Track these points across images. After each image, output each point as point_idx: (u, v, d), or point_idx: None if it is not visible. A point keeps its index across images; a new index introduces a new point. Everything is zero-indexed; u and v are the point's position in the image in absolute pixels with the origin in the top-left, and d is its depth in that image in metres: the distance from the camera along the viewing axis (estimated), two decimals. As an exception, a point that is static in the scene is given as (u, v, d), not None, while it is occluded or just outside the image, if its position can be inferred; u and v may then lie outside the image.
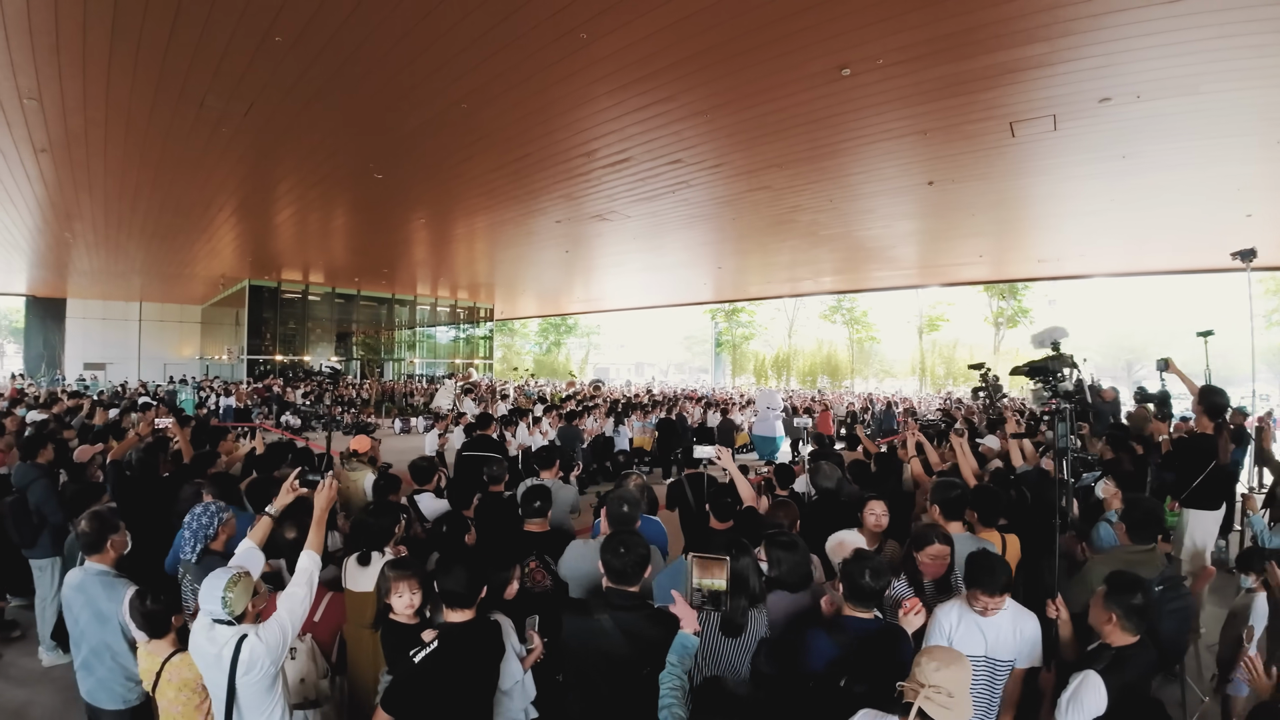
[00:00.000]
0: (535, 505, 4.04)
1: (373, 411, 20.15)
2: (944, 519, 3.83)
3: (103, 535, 3.04)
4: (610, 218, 13.37)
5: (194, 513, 3.23)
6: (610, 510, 3.62)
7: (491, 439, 7.20)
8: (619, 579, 2.57)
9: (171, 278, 21.69)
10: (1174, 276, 19.94)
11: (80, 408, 9.68)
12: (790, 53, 6.84)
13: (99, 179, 11.24)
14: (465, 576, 2.37)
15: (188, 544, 3.16)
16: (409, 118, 8.73)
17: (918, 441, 6.19)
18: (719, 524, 4.04)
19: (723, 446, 5.23)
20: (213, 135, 9.32)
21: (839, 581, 2.63)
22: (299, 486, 2.87)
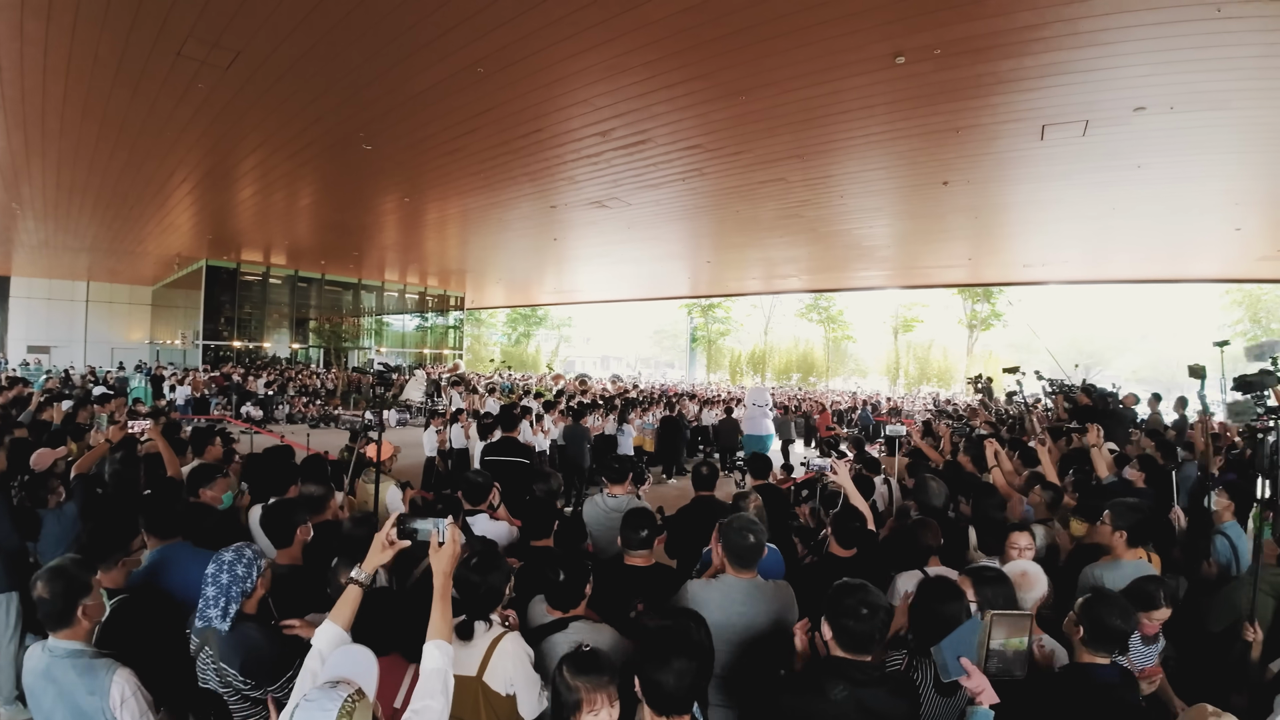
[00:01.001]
0: (642, 535, 3.16)
1: (339, 403, 18.73)
2: (1128, 546, 3.38)
3: (71, 600, 2.08)
4: (610, 205, 12.48)
5: (221, 560, 2.28)
6: (732, 543, 2.81)
7: (517, 441, 6.28)
8: (857, 645, 2.00)
9: (123, 254, 19.70)
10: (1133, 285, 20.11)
11: (26, 398, 8.30)
12: (846, 34, 6.27)
13: (54, 139, 9.82)
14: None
15: (213, 605, 2.21)
16: (414, 80, 7.67)
17: (994, 450, 5.63)
18: (842, 551, 3.40)
19: (837, 459, 4.51)
20: (186, 92, 8.07)
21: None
22: (397, 539, 1.98)
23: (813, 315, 32.84)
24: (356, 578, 1.97)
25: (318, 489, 3.67)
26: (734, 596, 2.75)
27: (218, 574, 2.24)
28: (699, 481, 4.68)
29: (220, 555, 2.30)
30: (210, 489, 3.79)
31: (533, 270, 22.99)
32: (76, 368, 19.49)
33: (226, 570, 2.25)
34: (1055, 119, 8.12)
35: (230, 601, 2.23)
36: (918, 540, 3.41)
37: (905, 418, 17.95)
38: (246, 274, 22.25)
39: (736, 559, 2.79)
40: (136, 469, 3.70)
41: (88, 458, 4.01)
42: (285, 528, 3.02)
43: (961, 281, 21.85)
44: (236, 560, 2.29)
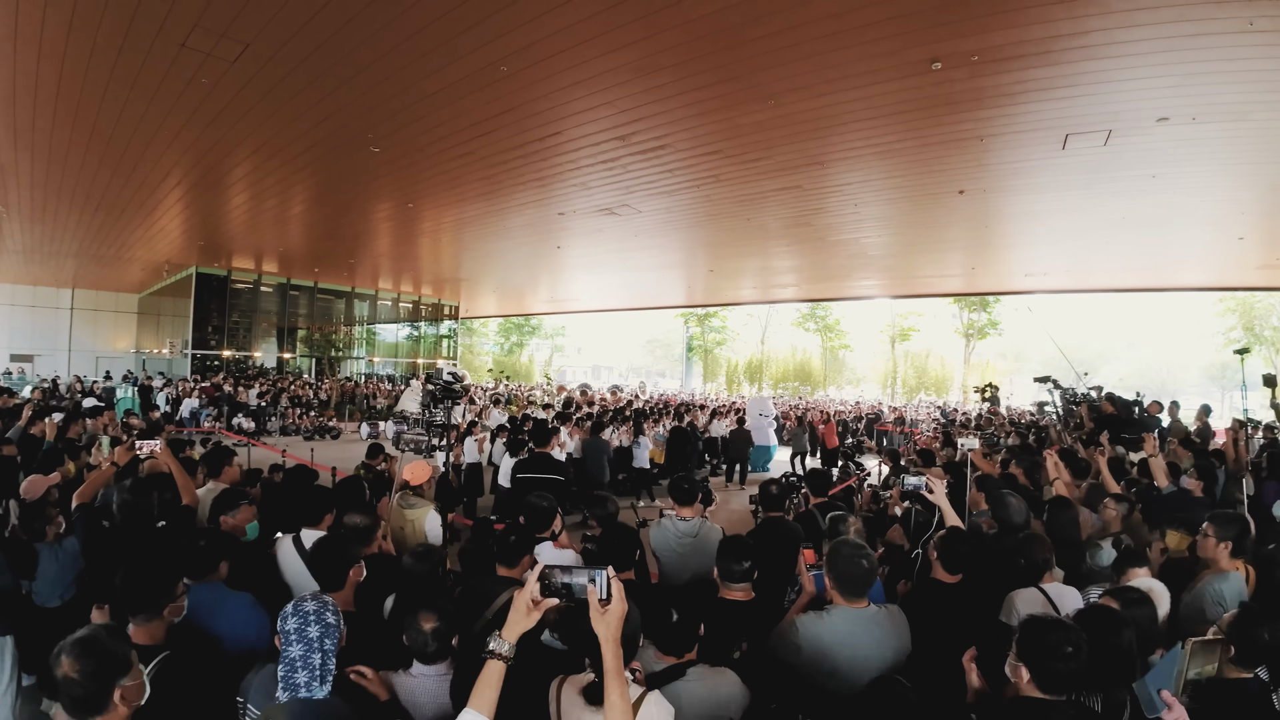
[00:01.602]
0: (744, 567, 2.81)
1: (333, 414, 18.07)
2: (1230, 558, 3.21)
3: (105, 682, 1.61)
4: (620, 212, 12.09)
5: (304, 610, 1.85)
6: (844, 570, 2.52)
7: (552, 457, 5.82)
8: (1060, 686, 1.82)
9: (111, 261, 18.88)
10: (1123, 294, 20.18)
11: (13, 409, 7.69)
12: (887, 38, 6.04)
13: (44, 137, 9.23)
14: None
15: (301, 668, 1.76)
16: (432, 78, 7.23)
17: (1055, 462, 5.35)
18: (948, 576, 3.06)
19: (933, 475, 4.14)
20: (187, 88, 7.55)
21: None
22: (542, 596, 1.55)
23: (809, 324, 32.67)
24: (499, 651, 1.53)
25: (363, 519, 3.22)
26: (856, 630, 2.47)
27: (303, 627, 1.82)
28: (769, 501, 4.31)
29: (300, 604, 1.89)
30: (233, 516, 3.34)
31: (529, 279, 22.49)
32: (62, 377, 18.59)
33: (315, 620, 1.83)
34: (1079, 128, 7.97)
35: (327, 658, 1.80)
36: (1031, 556, 3.17)
37: (909, 426, 17.75)
38: (238, 281, 21.43)
39: (849, 587, 2.52)
40: (150, 498, 3.21)
41: (91, 484, 3.49)
42: (338, 567, 2.57)
43: (958, 291, 21.79)
44: (323, 608, 1.88)
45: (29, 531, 3.36)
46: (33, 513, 3.43)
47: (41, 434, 6.25)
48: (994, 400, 14.37)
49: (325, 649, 1.81)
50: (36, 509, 3.44)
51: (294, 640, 1.79)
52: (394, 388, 21.50)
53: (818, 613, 2.54)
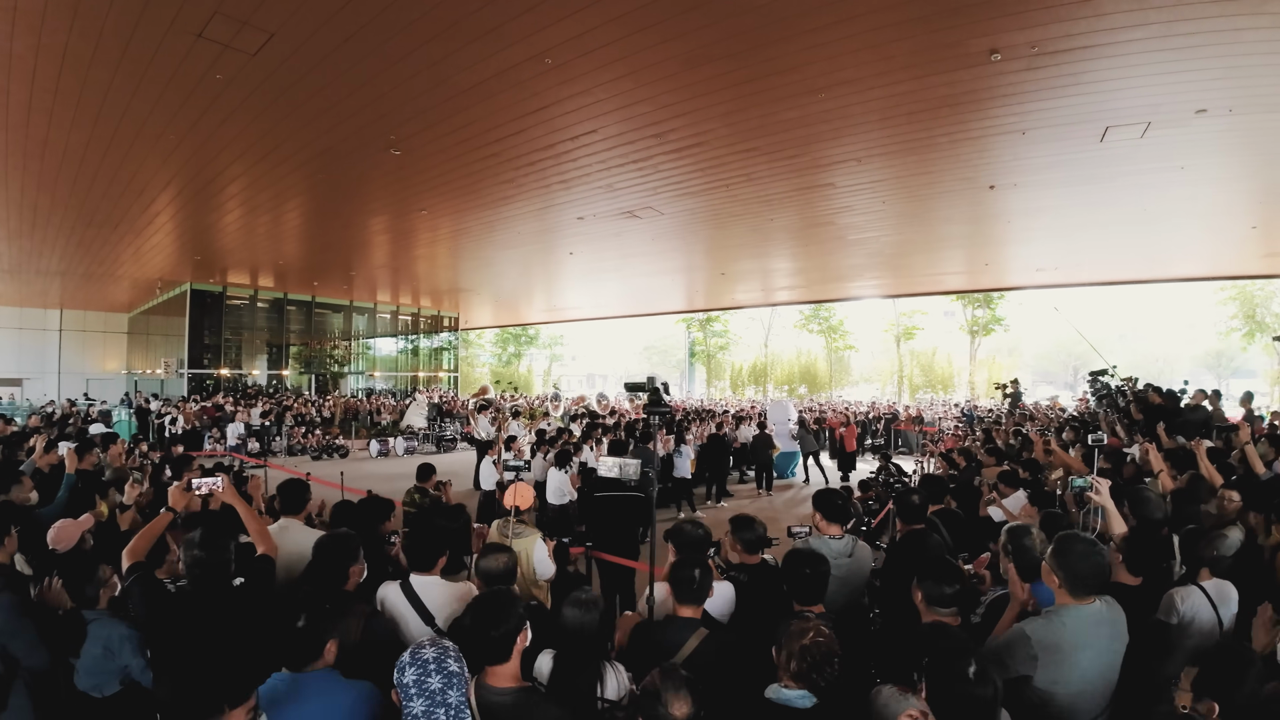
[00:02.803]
0: (955, 589, 2.44)
1: (338, 432, 17.25)
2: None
3: None
4: (642, 215, 11.57)
5: (422, 658, 1.66)
6: (1077, 564, 2.30)
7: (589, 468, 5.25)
8: None
9: (101, 279, 17.91)
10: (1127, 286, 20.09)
11: (13, 438, 6.92)
12: (949, 29, 5.79)
13: (37, 143, 8.51)
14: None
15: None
16: (469, 72, 6.67)
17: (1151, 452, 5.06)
18: (1130, 579, 2.83)
19: (1099, 476, 3.72)
20: (199, 85, 6.91)
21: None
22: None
23: (812, 326, 32.27)
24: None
25: (499, 562, 2.66)
26: (1092, 629, 2.27)
27: (423, 679, 1.61)
28: (909, 513, 3.81)
29: (418, 652, 1.70)
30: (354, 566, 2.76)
31: (530, 288, 21.87)
32: (55, 401, 17.51)
33: (435, 670, 1.64)
34: (1120, 120, 7.78)
35: (455, 713, 1.57)
36: (1195, 552, 3.04)
37: (928, 425, 17.40)
38: (233, 297, 20.47)
39: (1082, 585, 2.30)
40: (228, 551, 2.59)
41: (145, 538, 2.78)
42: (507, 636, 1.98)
43: (962, 288, 21.55)
44: (444, 655, 1.68)
45: (77, 596, 2.72)
46: (79, 572, 2.75)
47: (49, 467, 5.55)
48: (1015, 396, 14.07)
49: (450, 702, 1.60)
50: (85, 567, 2.76)
51: (414, 695, 1.60)
52: (398, 403, 20.67)
53: (1044, 618, 2.31)
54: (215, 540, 2.57)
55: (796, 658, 1.95)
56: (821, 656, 1.94)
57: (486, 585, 2.68)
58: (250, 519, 2.94)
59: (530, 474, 8.36)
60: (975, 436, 12.62)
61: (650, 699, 1.72)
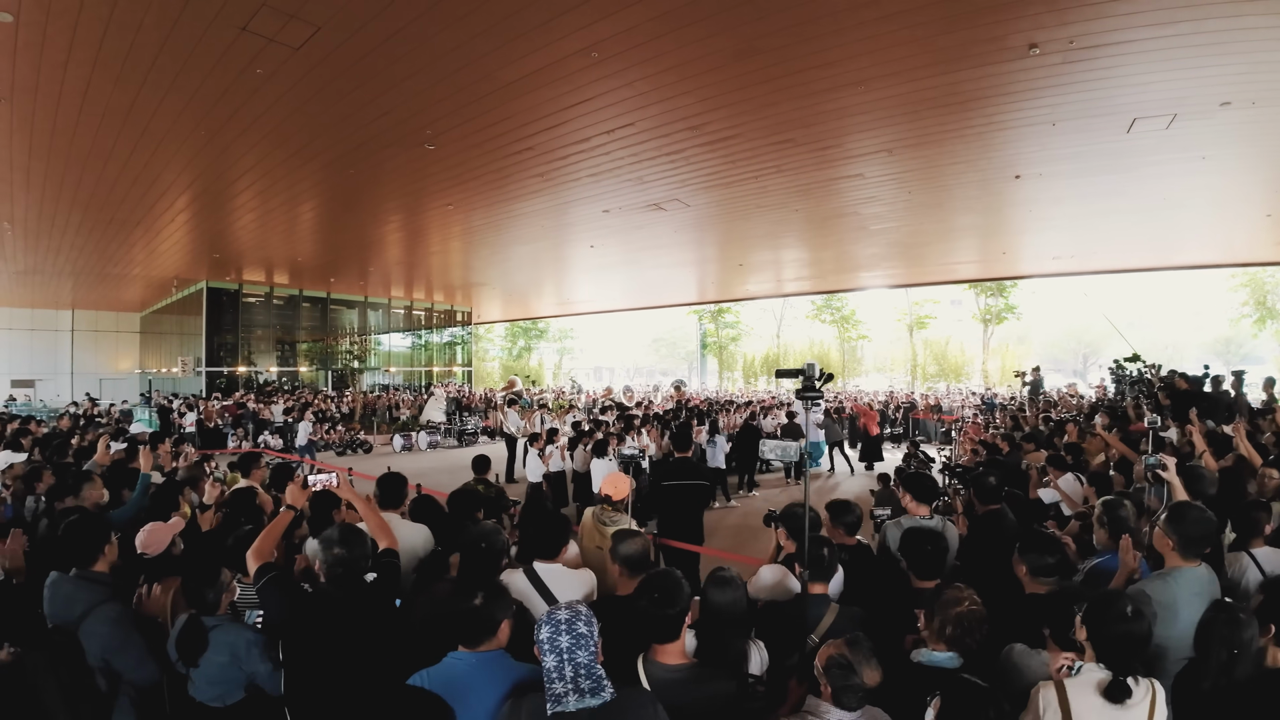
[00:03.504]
0: (1056, 560, 2.72)
1: (359, 427, 17.24)
2: None
3: None
4: (668, 207, 11.54)
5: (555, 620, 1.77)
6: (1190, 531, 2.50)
7: (692, 462, 5.27)
8: None
9: (113, 279, 17.83)
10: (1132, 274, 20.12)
11: (55, 439, 6.89)
12: (993, 23, 5.85)
13: (64, 139, 8.40)
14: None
15: (557, 681, 1.71)
16: (514, 66, 6.63)
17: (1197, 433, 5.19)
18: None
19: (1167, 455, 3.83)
20: (238, 79, 6.84)
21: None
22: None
23: (825, 316, 32.20)
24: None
25: (637, 546, 2.71)
26: (1198, 589, 2.42)
27: (554, 636, 1.71)
28: (985, 494, 3.94)
29: (553, 613, 1.78)
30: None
31: (543, 282, 21.78)
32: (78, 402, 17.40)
33: (565, 630, 1.72)
34: (1147, 112, 7.87)
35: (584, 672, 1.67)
36: (1250, 522, 3.19)
37: (946, 413, 17.43)
38: (249, 295, 20.38)
39: (1193, 547, 2.49)
40: (366, 547, 2.57)
41: (270, 538, 2.69)
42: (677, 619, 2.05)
43: (975, 276, 21.53)
44: (575, 617, 1.75)
45: (195, 602, 2.62)
46: (200, 576, 2.64)
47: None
48: (1036, 384, 14.11)
49: (578, 661, 1.68)
50: (205, 572, 2.65)
51: (546, 650, 1.70)
52: (415, 398, 20.64)
53: (1160, 579, 2.47)
54: (355, 537, 2.50)
55: (951, 623, 2.12)
56: (974, 623, 2.13)
57: (627, 568, 2.70)
58: (370, 514, 2.91)
59: (572, 465, 8.42)
60: (998, 425, 12.67)
61: (842, 670, 1.85)
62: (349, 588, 2.46)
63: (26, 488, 4.75)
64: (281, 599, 2.44)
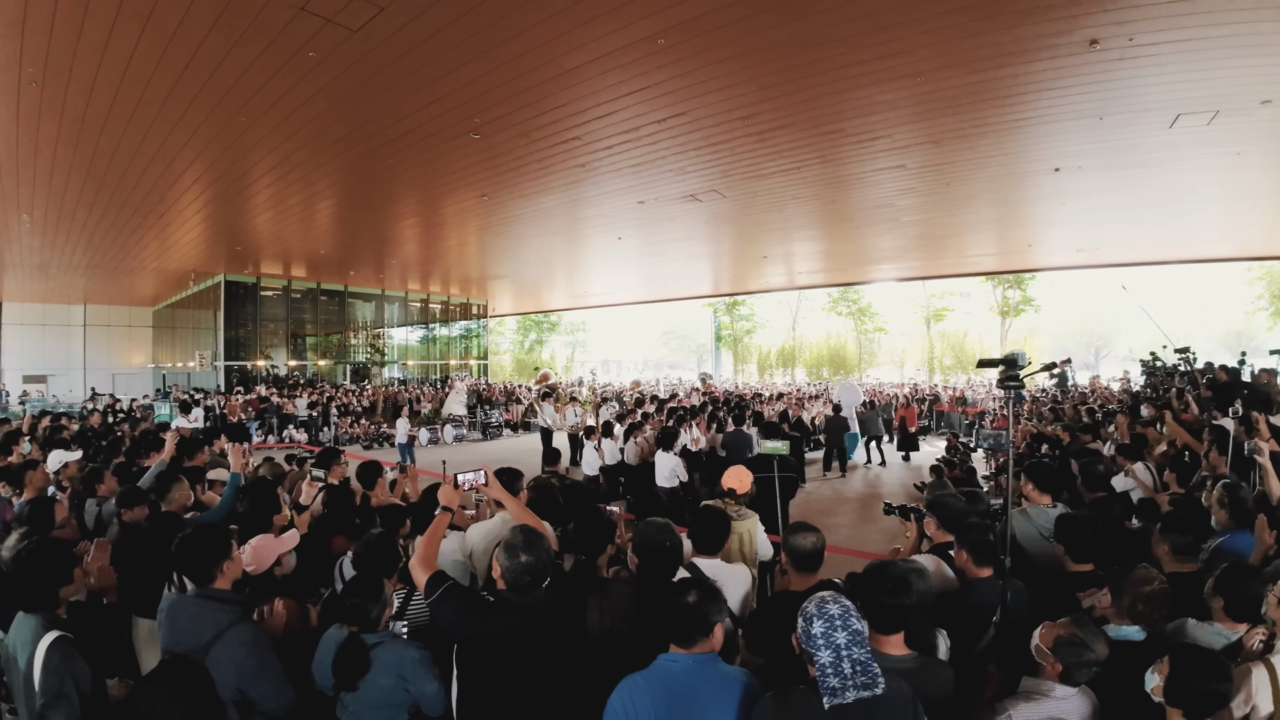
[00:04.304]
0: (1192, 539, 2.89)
1: (383, 420, 17.07)
2: None
3: None
4: (704, 198, 11.40)
5: (828, 615, 1.73)
6: None
7: (780, 454, 5.14)
8: None
9: (128, 272, 17.57)
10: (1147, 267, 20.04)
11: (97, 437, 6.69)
12: (1060, 19, 5.87)
13: (94, 126, 8.17)
14: None
15: (833, 677, 1.68)
16: (578, 52, 6.48)
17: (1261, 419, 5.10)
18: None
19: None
20: (289, 62, 6.65)
21: None
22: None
23: (841, 308, 32.10)
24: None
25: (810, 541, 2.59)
26: None
27: (830, 632, 1.69)
28: (1094, 481, 4.11)
29: (824, 607, 1.73)
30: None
31: (559, 274, 21.58)
32: (99, 396, 17.15)
33: (841, 626, 1.70)
34: (1191, 109, 7.95)
35: (861, 669, 1.65)
36: None
37: (970, 407, 17.38)
38: (266, 288, 20.12)
39: None
40: (550, 553, 2.32)
41: (432, 544, 2.44)
42: (905, 611, 2.03)
43: (992, 269, 21.45)
44: (848, 613, 1.72)
45: (356, 619, 2.31)
46: (364, 589, 2.36)
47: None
48: (1063, 377, 14.06)
49: (855, 658, 1.66)
50: (368, 583, 2.39)
51: (821, 646, 1.68)
52: (436, 391, 20.47)
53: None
54: (540, 542, 2.27)
55: (1142, 601, 2.26)
56: (1162, 600, 2.27)
57: (796, 563, 2.59)
58: (525, 515, 2.77)
59: (623, 459, 8.29)
60: (1026, 416, 12.62)
61: (1075, 647, 1.95)
62: (533, 596, 2.23)
63: (86, 490, 4.49)
64: (464, 610, 2.19)
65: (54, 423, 8.48)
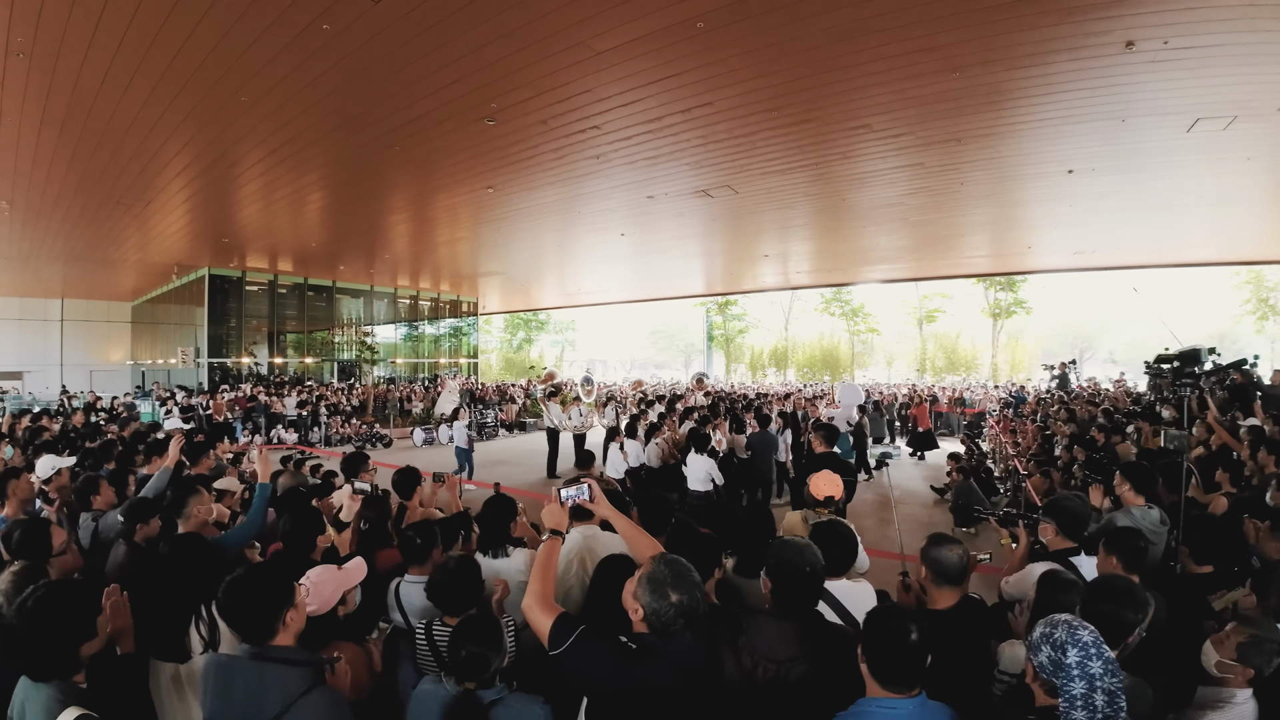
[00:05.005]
0: None
1: (374, 420, 16.46)
2: None
3: None
4: (715, 194, 11.09)
5: (1081, 643, 1.57)
6: None
7: (838, 458, 4.84)
8: None
9: (109, 265, 16.70)
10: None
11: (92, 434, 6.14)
12: (1104, 19, 5.76)
13: (82, 104, 7.55)
14: None
15: (1081, 709, 1.52)
16: (608, 36, 6.14)
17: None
18: None
19: None
20: (300, 36, 6.13)
21: None
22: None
23: (834, 309, 31.98)
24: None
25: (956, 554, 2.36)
26: None
27: (1085, 661, 1.55)
28: (1175, 482, 3.82)
29: (1076, 633, 1.58)
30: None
31: (550, 271, 21.08)
32: (79, 394, 16.23)
33: (1095, 655, 1.55)
34: (1210, 113, 7.92)
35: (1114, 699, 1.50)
36: None
37: (969, 408, 17.33)
38: (252, 282, 19.30)
39: None
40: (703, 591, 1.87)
41: (548, 576, 2.05)
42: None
43: (986, 271, 21.43)
44: (1099, 640, 1.58)
45: (472, 673, 1.91)
46: (482, 637, 1.93)
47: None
48: (1064, 378, 14.02)
49: (1109, 688, 1.53)
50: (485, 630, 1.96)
51: (1075, 676, 1.55)
52: (427, 390, 19.86)
53: None
54: (690, 576, 1.86)
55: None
56: None
57: (938, 577, 2.28)
58: (638, 536, 2.31)
59: (636, 460, 7.92)
60: (1025, 416, 12.53)
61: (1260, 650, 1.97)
62: (683, 642, 1.83)
63: (81, 503, 3.97)
64: (607, 661, 1.80)
65: (34, 423, 7.87)
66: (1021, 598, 2.81)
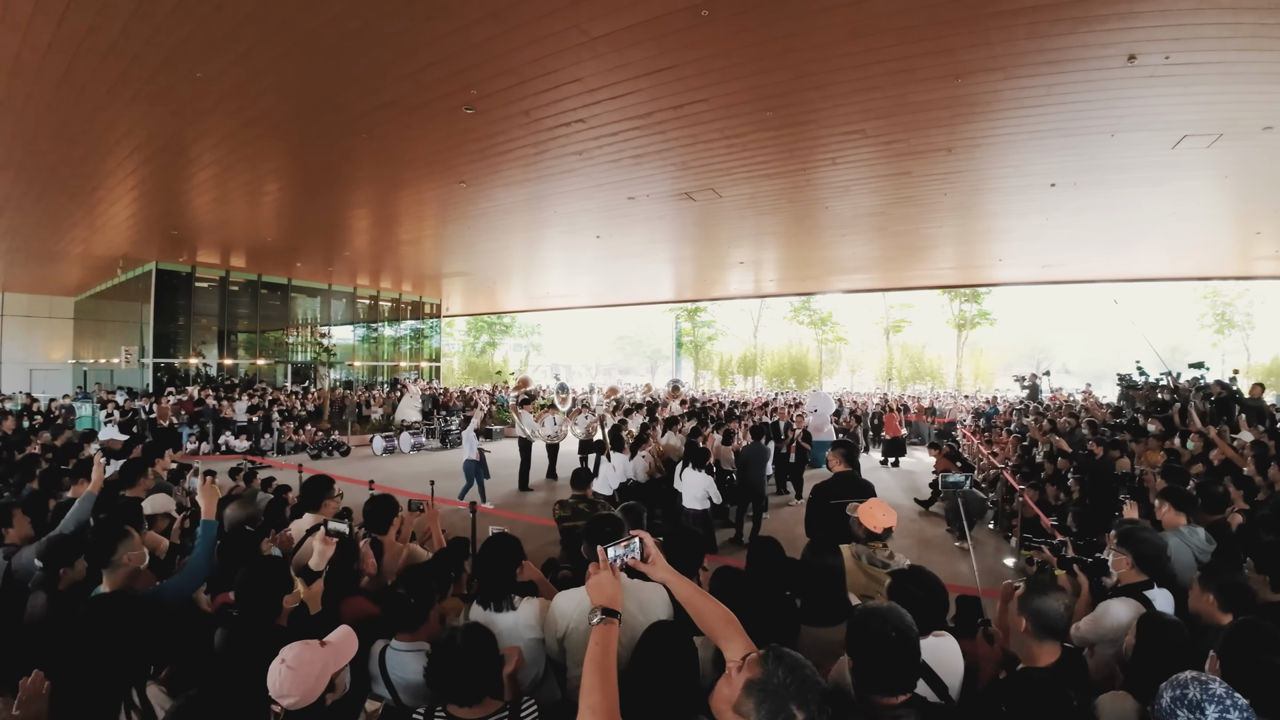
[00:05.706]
0: None
1: (330, 426, 15.47)
2: None
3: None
4: (698, 197, 10.70)
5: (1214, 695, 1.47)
6: None
7: (859, 478, 4.44)
8: None
9: (53, 258, 15.37)
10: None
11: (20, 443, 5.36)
12: (1108, 30, 5.67)
13: (24, 81, 6.84)
14: None
15: None
16: (607, 19, 5.69)
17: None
18: None
19: None
20: (265, 5, 5.55)
21: None
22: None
23: (802, 317, 32.04)
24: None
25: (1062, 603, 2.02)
26: None
27: (1224, 714, 1.45)
28: (1215, 504, 3.74)
29: (1209, 686, 1.49)
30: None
31: (517, 274, 20.35)
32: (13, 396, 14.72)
33: (1231, 706, 1.44)
34: (1197, 130, 7.92)
35: None
36: None
37: (939, 417, 17.34)
38: (202, 279, 18.04)
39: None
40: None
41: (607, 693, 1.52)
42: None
43: (952, 282, 21.64)
44: (1230, 692, 1.49)
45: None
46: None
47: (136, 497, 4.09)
48: (1035, 389, 14.10)
49: None
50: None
51: None
52: (387, 395, 18.89)
53: None
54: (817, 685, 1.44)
55: None
56: None
57: (1040, 630, 2.00)
58: (707, 606, 1.72)
59: (624, 474, 7.41)
60: (997, 427, 12.51)
61: None
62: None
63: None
64: None
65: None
66: (1097, 640, 2.63)
